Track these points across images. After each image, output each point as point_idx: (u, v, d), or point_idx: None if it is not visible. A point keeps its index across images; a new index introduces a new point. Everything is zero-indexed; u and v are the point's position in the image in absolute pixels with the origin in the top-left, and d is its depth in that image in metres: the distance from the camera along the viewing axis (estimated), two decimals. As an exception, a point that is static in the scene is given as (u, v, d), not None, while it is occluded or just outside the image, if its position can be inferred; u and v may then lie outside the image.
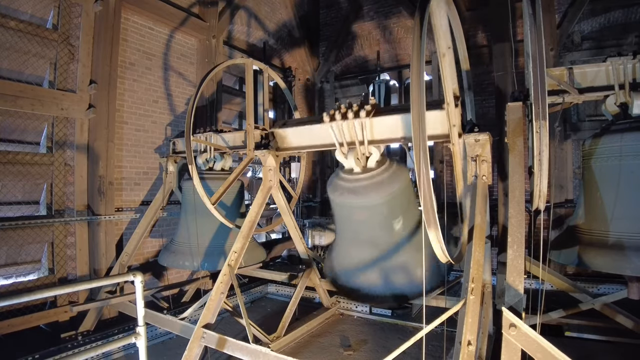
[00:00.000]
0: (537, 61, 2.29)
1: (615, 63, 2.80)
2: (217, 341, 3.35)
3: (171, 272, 5.90)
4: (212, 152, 4.63)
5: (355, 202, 3.41)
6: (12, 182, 4.37)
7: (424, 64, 2.14)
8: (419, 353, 2.38)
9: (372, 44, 9.15)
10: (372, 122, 3.20)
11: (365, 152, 3.33)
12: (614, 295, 3.66)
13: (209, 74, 4.30)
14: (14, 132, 4.55)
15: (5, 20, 4.25)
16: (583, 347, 3.93)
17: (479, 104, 7.35)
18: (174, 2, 6.03)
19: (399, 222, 3.44)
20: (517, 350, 2.08)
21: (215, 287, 3.55)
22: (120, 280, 2.78)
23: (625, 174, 2.70)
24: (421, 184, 2.04)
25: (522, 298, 2.26)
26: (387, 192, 3.27)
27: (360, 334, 4.72)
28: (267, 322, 5.05)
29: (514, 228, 2.46)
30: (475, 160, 2.84)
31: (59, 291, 2.68)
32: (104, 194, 4.95)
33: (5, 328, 4.04)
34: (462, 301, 2.38)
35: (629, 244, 2.59)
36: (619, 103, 2.87)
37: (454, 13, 2.96)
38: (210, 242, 4.51)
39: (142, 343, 2.54)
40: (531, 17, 2.37)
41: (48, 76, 4.75)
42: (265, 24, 8.31)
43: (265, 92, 4.84)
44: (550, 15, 6.67)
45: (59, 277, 4.71)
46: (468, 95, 3.71)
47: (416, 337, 2.31)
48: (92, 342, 4.21)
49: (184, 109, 6.33)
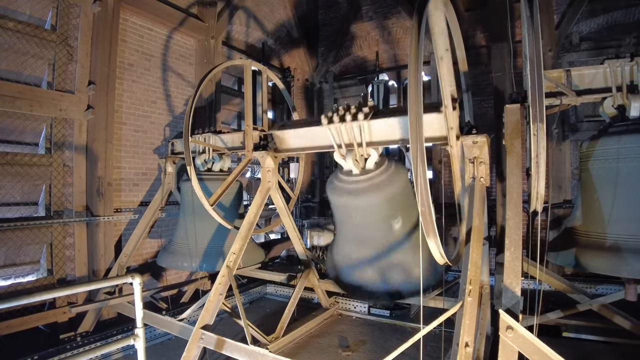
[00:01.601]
0: (534, 63, 2.29)
1: (613, 65, 2.81)
2: (215, 342, 3.35)
3: (170, 273, 5.90)
4: (211, 153, 4.63)
5: (355, 203, 3.42)
6: (10, 183, 4.36)
7: (422, 66, 2.15)
8: (418, 354, 2.38)
9: (371, 44, 9.15)
10: (370, 125, 3.20)
11: (363, 153, 3.34)
12: (611, 296, 3.67)
13: (208, 74, 4.30)
14: (13, 133, 4.54)
15: (3, 20, 4.24)
16: (581, 347, 3.94)
17: (477, 105, 7.35)
18: (172, 3, 6.03)
19: (398, 222, 3.45)
20: (514, 353, 2.09)
21: (214, 288, 3.56)
22: (119, 282, 2.78)
23: (622, 176, 2.71)
24: (418, 186, 2.05)
25: (520, 300, 2.27)
26: (386, 193, 3.28)
27: (358, 334, 4.73)
28: (265, 322, 5.05)
29: (511, 230, 2.47)
30: (473, 162, 2.84)
31: (58, 293, 2.69)
32: (102, 194, 4.95)
33: (4, 329, 4.04)
34: (460, 303, 2.39)
35: (626, 246, 2.60)
36: (617, 105, 2.88)
37: (452, 14, 2.96)
38: (209, 243, 4.52)
39: (140, 344, 2.54)
40: (529, 19, 2.37)
41: (46, 77, 4.74)
42: (264, 25, 8.31)
43: (264, 93, 4.84)
44: (548, 16, 6.69)
45: (58, 278, 4.70)
46: (466, 96, 3.71)
47: (414, 338, 2.32)
48: (91, 343, 4.22)
49: (182, 109, 6.33)
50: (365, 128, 3.18)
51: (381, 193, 3.28)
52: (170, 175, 5.12)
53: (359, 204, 3.39)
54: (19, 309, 4.22)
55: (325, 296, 5.18)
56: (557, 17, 6.92)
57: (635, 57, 2.78)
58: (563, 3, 6.94)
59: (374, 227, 3.52)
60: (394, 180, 3.33)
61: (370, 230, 3.56)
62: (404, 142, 3.17)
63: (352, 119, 3.14)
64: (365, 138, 3.23)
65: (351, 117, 3.14)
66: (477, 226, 2.64)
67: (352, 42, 9.37)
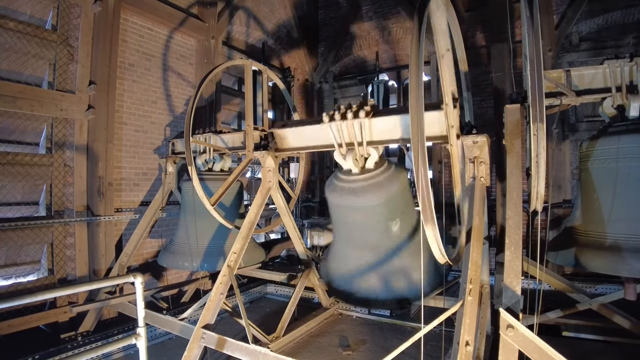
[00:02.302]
0: (534, 63, 2.30)
1: (613, 65, 2.82)
2: (216, 341, 3.36)
3: (170, 273, 5.91)
4: (212, 152, 4.63)
5: (353, 203, 3.41)
6: (11, 182, 4.37)
7: (423, 65, 2.15)
8: (418, 353, 2.39)
9: (371, 44, 9.16)
10: (371, 123, 3.21)
11: (363, 153, 3.34)
12: (611, 295, 3.68)
13: (209, 75, 4.30)
14: (14, 132, 4.55)
15: (4, 21, 4.25)
16: (580, 347, 3.95)
17: (477, 104, 7.37)
18: (173, 3, 6.03)
19: (396, 224, 3.44)
20: (515, 351, 2.10)
21: (215, 288, 3.57)
22: (120, 281, 2.79)
23: (622, 175, 2.72)
24: (419, 184, 2.06)
25: (520, 299, 2.27)
26: (385, 194, 3.28)
27: (359, 334, 4.74)
28: (266, 322, 5.06)
29: (511, 230, 2.48)
30: (474, 161, 2.85)
31: (58, 293, 2.69)
32: (103, 194, 4.96)
33: (5, 329, 4.04)
34: (460, 302, 2.40)
35: (625, 245, 2.61)
36: (616, 105, 2.90)
37: (453, 14, 2.97)
38: (210, 242, 4.52)
39: (142, 344, 2.55)
40: (529, 19, 2.38)
41: (47, 77, 4.75)
42: (264, 25, 8.32)
43: (264, 93, 4.84)
44: (548, 16, 6.70)
45: (59, 277, 4.71)
46: (466, 96, 3.72)
47: (415, 338, 2.33)
48: (92, 343, 4.22)
49: (183, 109, 6.34)
50: (366, 126, 3.19)
51: (380, 193, 3.27)
52: (171, 175, 5.13)
53: (357, 203, 3.38)
54: (20, 308, 4.23)
55: (326, 296, 5.19)
56: (557, 17, 6.93)
57: (635, 58, 2.79)
58: (563, 3, 6.96)
59: (372, 228, 3.52)
60: (394, 180, 3.33)
61: (368, 231, 3.56)
62: (404, 141, 3.18)
63: (353, 117, 3.15)
64: (365, 136, 3.23)
65: (352, 114, 3.15)
66: (477, 225, 2.65)
67: (352, 42, 9.38)
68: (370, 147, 3.31)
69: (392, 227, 3.43)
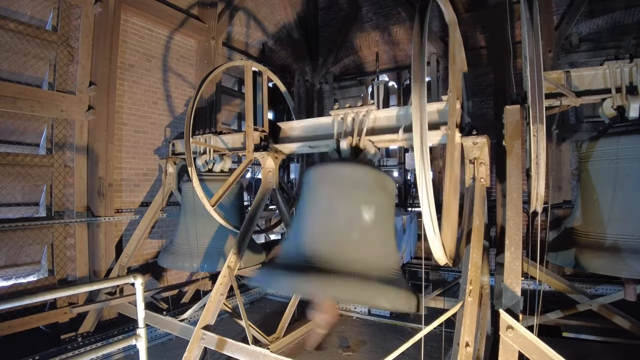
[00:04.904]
0: (534, 64, 2.30)
1: (612, 66, 2.82)
2: (216, 342, 3.36)
3: (170, 273, 5.91)
4: (212, 153, 4.63)
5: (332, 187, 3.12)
6: (11, 183, 4.37)
7: (425, 63, 2.14)
8: (418, 354, 2.39)
9: (371, 45, 9.17)
10: (375, 119, 3.26)
11: (360, 144, 3.30)
12: (611, 296, 3.69)
13: (209, 75, 4.30)
14: (14, 133, 4.55)
15: (4, 21, 4.25)
16: (580, 347, 3.96)
17: (477, 105, 7.37)
18: (173, 4, 6.04)
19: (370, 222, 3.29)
20: (515, 352, 2.10)
21: (215, 289, 3.57)
22: (120, 282, 2.78)
23: (621, 176, 2.72)
24: (421, 182, 2.05)
25: (520, 300, 2.28)
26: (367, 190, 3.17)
27: (359, 334, 4.74)
28: (266, 323, 5.06)
29: (511, 230, 2.48)
30: (474, 162, 2.85)
31: (59, 293, 2.69)
32: (103, 195, 4.96)
33: (5, 329, 4.04)
34: (460, 303, 2.40)
35: (625, 246, 2.61)
36: (616, 106, 2.89)
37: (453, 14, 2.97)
38: (210, 243, 4.52)
39: (142, 345, 2.55)
40: (528, 20, 2.38)
41: (47, 78, 4.75)
42: (265, 25, 8.33)
43: (264, 94, 4.84)
44: (548, 17, 6.70)
45: (59, 278, 4.71)
46: (467, 97, 3.72)
47: (415, 338, 2.34)
48: (92, 344, 4.22)
49: (183, 110, 6.34)
50: (370, 117, 3.22)
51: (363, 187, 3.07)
52: (171, 176, 5.13)
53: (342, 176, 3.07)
54: (20, 309, 4.23)
55: (326, 296, 5.18)
56: (557, 18, 6.93)
57: (635, 59, 2.78)
58: (563, 4, 6.96)
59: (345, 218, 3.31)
60: (380, 182, 3.18)
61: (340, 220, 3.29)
62: (406, 141, 3.17)
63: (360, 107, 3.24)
64: (367, 124, 3.24)
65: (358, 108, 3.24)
66: (477, 226, 2.65)
67: (352, 43, 9.38)
68: (368, 143, 3.29)
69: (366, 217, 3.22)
